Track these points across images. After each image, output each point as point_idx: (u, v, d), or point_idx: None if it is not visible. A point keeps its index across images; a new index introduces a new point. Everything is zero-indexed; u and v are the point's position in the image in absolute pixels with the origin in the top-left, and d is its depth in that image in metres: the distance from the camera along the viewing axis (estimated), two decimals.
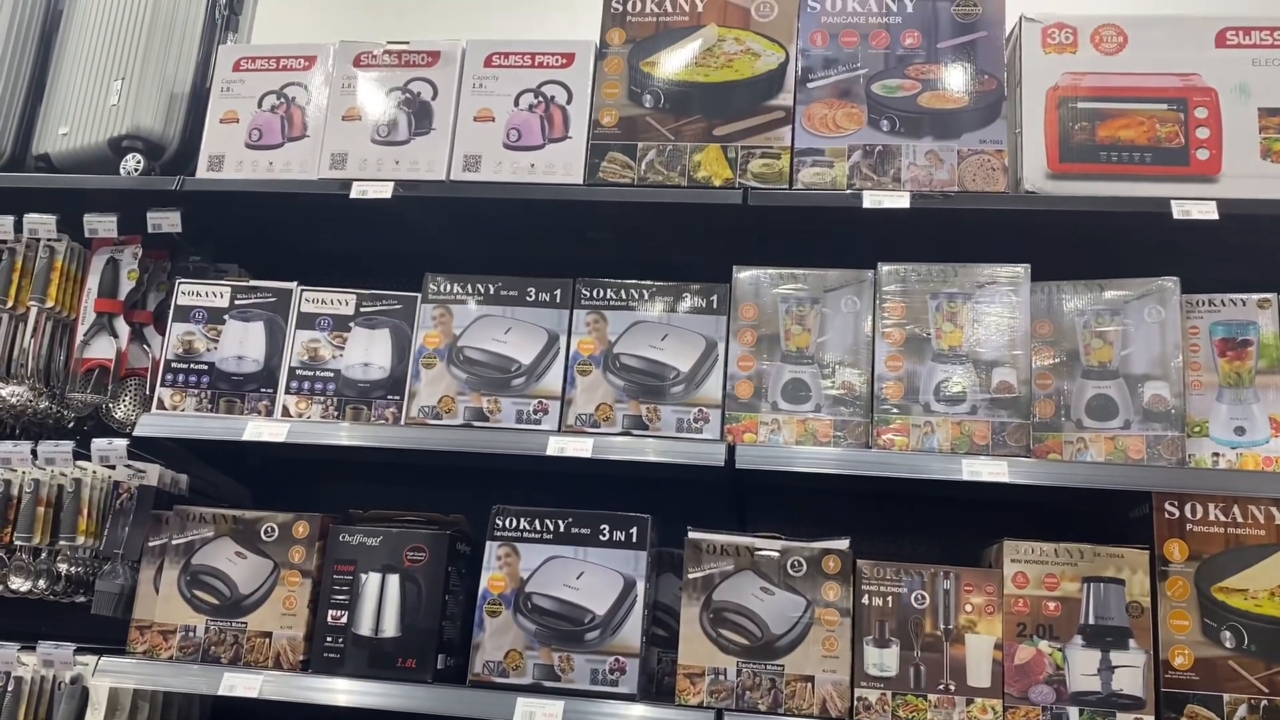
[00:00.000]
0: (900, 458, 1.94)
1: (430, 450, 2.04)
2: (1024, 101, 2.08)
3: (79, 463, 2.17)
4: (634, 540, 1.99)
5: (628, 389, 2.07)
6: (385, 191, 2.14)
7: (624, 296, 2.13)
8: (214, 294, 2.22)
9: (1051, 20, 2.10)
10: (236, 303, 2.21)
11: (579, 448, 2.00)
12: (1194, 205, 1.95)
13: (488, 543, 2.02)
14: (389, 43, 2.28)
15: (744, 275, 2.10)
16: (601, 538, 2.00)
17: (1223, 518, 1.88)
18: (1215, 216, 1.93)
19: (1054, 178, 2.04)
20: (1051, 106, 2.06)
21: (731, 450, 1.96)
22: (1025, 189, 2.04)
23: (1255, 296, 1.99)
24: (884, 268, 2.05)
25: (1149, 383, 1.96)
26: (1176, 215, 1.95)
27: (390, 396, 2.14)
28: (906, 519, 2.34)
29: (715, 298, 2.11)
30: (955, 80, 2.10)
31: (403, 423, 2.11)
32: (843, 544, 1.93)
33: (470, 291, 2.17)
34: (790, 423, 2.02)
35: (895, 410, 1.98)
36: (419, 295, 2.18)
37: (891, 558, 1.97)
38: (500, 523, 2.02)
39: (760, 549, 1.95)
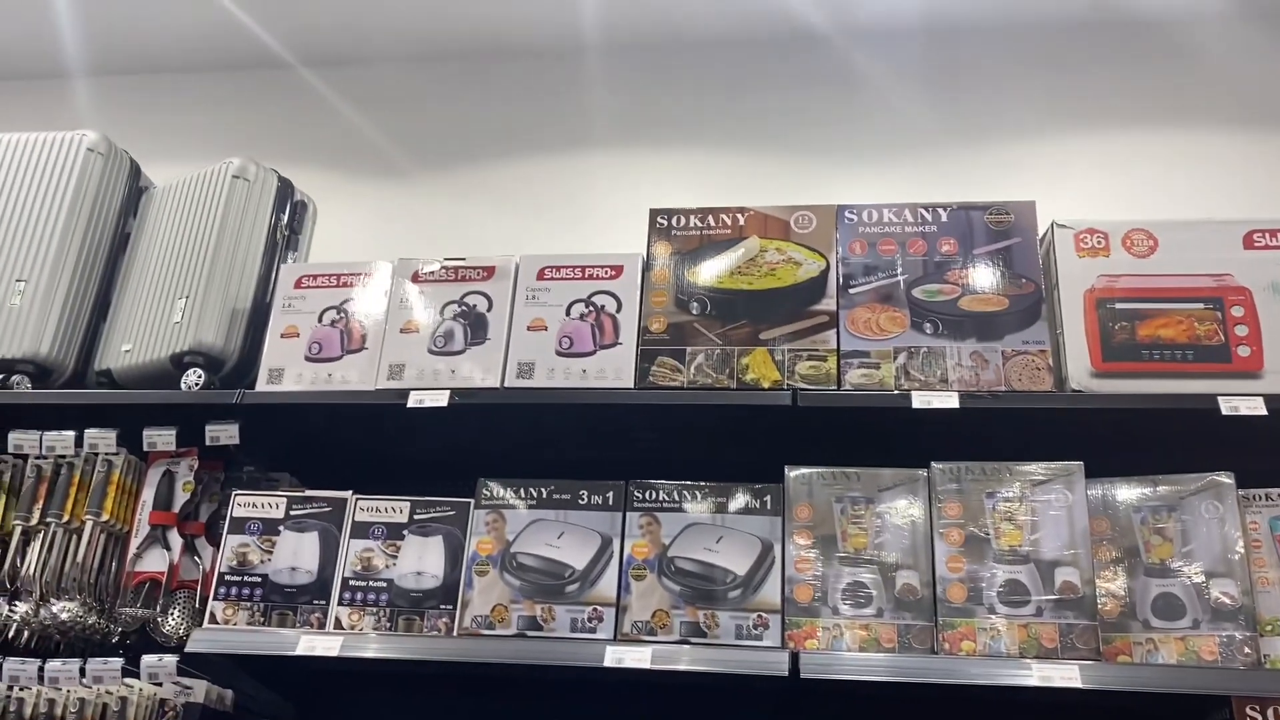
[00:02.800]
0: (968, 663, 1.90)
1: (488, 662, 2.00)
2: (1062, 303, 2.14)
3: (126, 680, 2.14)
4: None
5: (684, 594, 2.05)
6: (442, 400, 2.19)
7: (676, 498, 2.14)
8: (269, 505, 2.24)
9: (1083, 226, 2.19)
10: (292, 513, 2.22)
11: (637, 658, 1.96)
12: (1242, 401, 1.97)
13: None
14: (446, 259, 2.38)
15: (796, 474, 2.12)
16: None
17: None
18: (1264, 412, 1.95)
19: (1099, 376, 2.07)
20: (1090, 308, 2.12)
21: (795, 658, 1.92)
22: (1071, 388, 2.08)
23: None
24: (937, 467, 2.06)
25: (1214, 580, 1.93)
26: (1225, 411, 1.97)
27: (443, 606, 2.12)
28: None
29: (769, 498, 2.11)
30: (993, 284, 2.17)
31: (455, 634, 2.08)
32: None
33: (523, 496, 2.18)
34: (852, 627, 1.99)
35: (959, 613, 1.95)
36: (472, 501, 2.19)
37: None
38: None
39: None
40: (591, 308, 2.27)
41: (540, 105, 3.41)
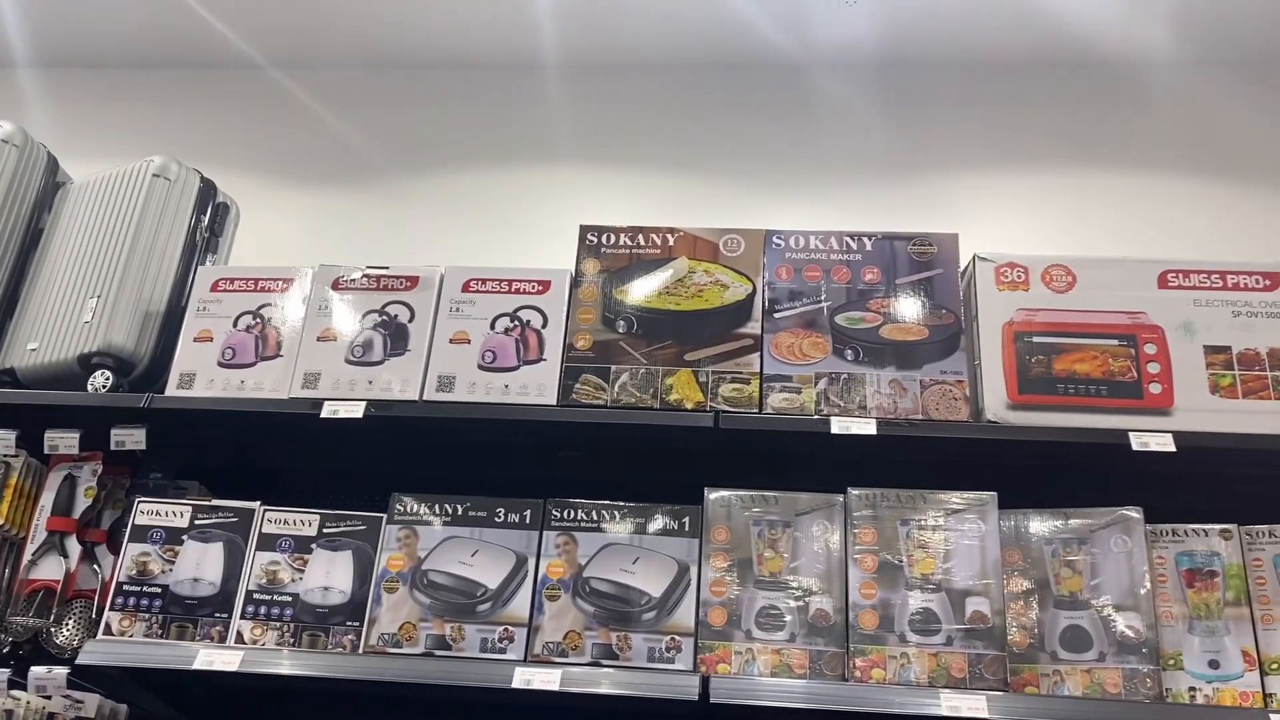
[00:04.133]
0: (877, 691, 1.89)
1: (392, 681, 1.95)
2: (981, 335, 2.17)
3: (12, 692, 2.04)
4: None
5: (598, 615, 2.02)
6: (357, 411, 2.14)
7: (595, 518, 2.11)
8: (174, 513, 2.16)
9: (1003, 260, 2.22)
10: (197, 522, 2.15)
11: (546, 680, 1.92)
12: (1152, 437, 2.01)
13: None
14: (369, 267, 2.34)
15: (715, 497, 2.11)
16: None
17: None
18: (1173, 449, 1.99)
19: (1014, 408, 2.10)
20: (1008, 340, 2.15)
21: (706, 683, 1.90)
22: (987, 418, 2.10)
23: (1217, 527, 2.03)
24: (853, 492, 2.07)
25: (1121, 613, 1.96)
26: (1135, 447, 2.00)
27: (350, 623, 2.06)
28: None
29: (688, 520, 2.10)
30: (914, 314, 2.19)
31: (361, 651, 2.03)
32: None
33: (437, 512, 2.14)
34: (765, 652, 1.98)
35: (871, 640, 1.95)
36: (384, 516, 2.14)
37: None
38: None
39: None
40: (517, 322, 2.25)
41: (479, 118, 3.39)
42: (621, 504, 2.11)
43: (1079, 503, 2.06)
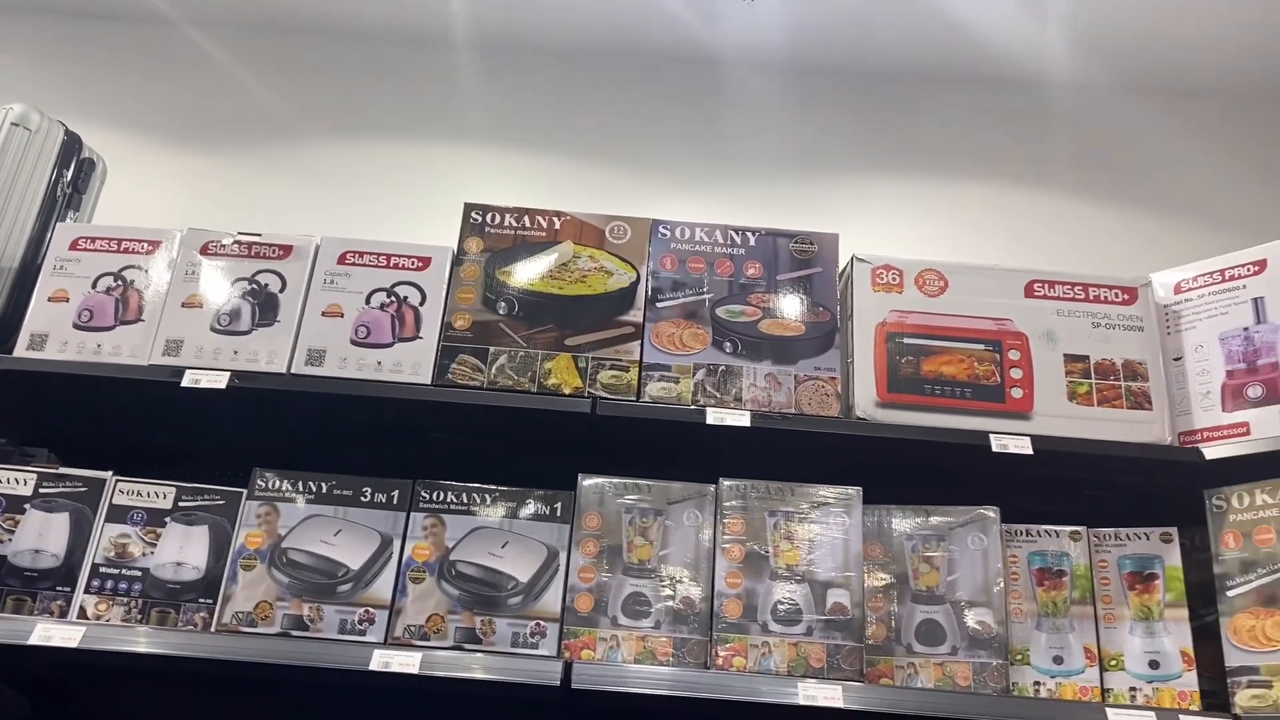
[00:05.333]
0: (737, 679, 1.91)
1: (243, 661, 1.88)
2: (855, 334, 2.21)
3: None
4: None
5: (463, 599, 2.00)
6: (220, 381, 2.06)
7: (464, 501, 2.08)
8: (16, 480, 2.05)
9: (880, 262, 2.27)
10: (41, 491, 2.04)
11: (405, 663, 1.88)
12: (1011, 440, 2.08)
13: None
14: (240, 233, 2.26)
15: (588, 483, 2.10)
16: None
17: None
18: (1030, 451, 2.07)
19: (883, 406, 2.15)
20: (880, 340, 2.20)
21: (568, 668, 1.89)
22: (857, 415, 2.14)
23: (1067, 529, 2.11)
24: (725, 483, 2.09)
25: (973, 609, 2.02)
26: (995, 448, 2.07)
27: (202, 600, 1.99)
28: None
29: (560, 505, 2.08)
30: (793, 310, 2.22)
31: (213, 629, 1.96)
32: None
33: (301, 489, 2.08)
34: (629, 639, 1.98)
35: (734, 629, 1.97)
36: (244, 491, 2.07)
37: None
38: None
39: None
40: (394, 298, 2.20)
41: (370, 90, 3.31)
42: (492, 488, 2.09)
43: (941, 501, 2.12)
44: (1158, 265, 2.33)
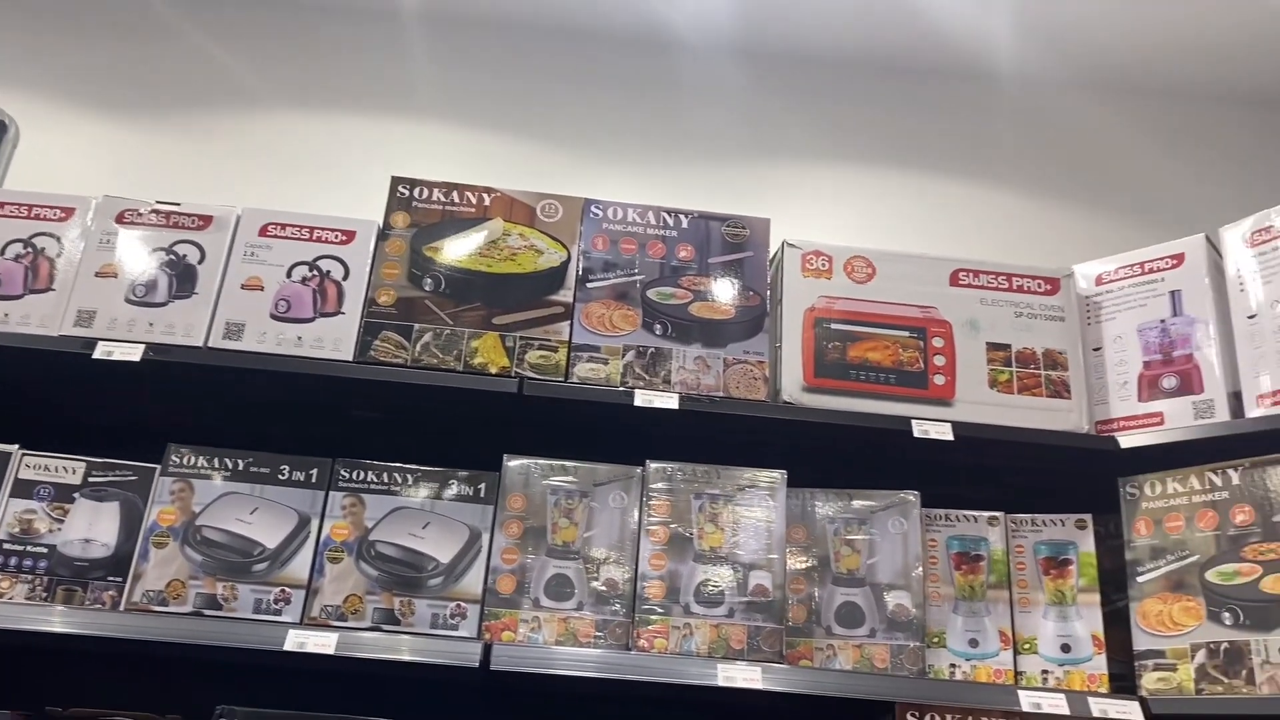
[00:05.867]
0: (658, 661, 1.91)
1: (151, 640, 1.84)
2: (784, 318, 2.22)
3: None
4: None
5: (381, 579, 1.97)
6: (134, 354, 2.00)
7: (386, 480, 2.05)
8: None
9: (810, 248, 2.28)
10: None
11: (321, 643, 1.85)
12: (932, 425, 2.10)
13: None
14: (158, 202, 2.19)
15: (514, 464, 2.08)
16: None
17: None
18: (950, 437, 2.09)
19: (809, 391, 2.16)
20: (808, 325, 2.21)
21: (488, 650, 1.87)
22: (783, 399, 2.15)
23: (986, 514, 2.15)
24: (651, 465, 2.08)
25: (892, 592, 2.05)
26: (917, 434, 2.10)
27: (111, 578, 1.93)
28: None
29: (483, 486, 2.06)
30: (723, 293, 2.22)
31: (122, 608, 1.90)
32: None
33: (217, 466, 2.03)
34: (552, 621, 1.97)
35: (657, 611, 1.97)
36: (158, 467, 2.01)
37: None
38: None
39: None
40: (316, 272, 2.15)
41: (296, 60, 3.22)
42: (414, 468, 2.06)
43: (864, 485, 2.14)
44: (1093, 258, 2.37)
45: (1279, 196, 2.16)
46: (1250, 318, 2.11)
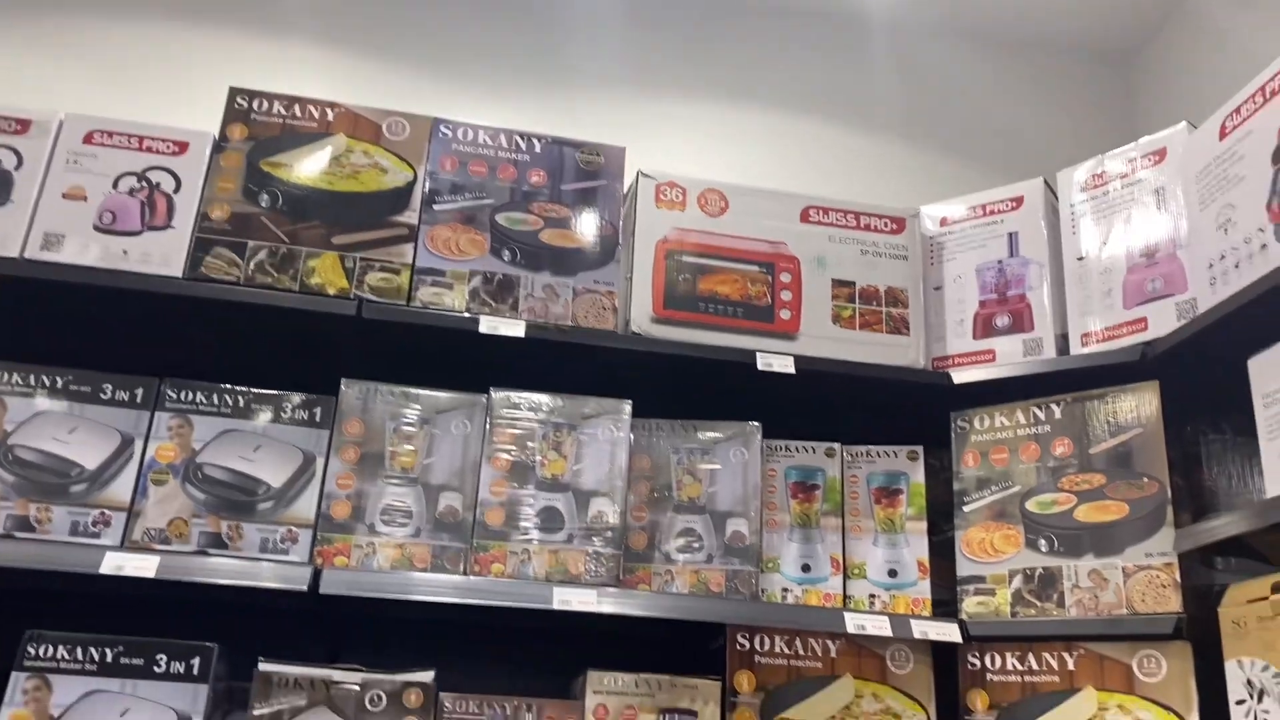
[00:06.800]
0: (493, 584, 1.91)
1: None
2: (636, 249, 2.21)
3: None
4: (195, 673, 1.79)
5: (209, 503, 1.91)
6: None
7: (216, 401, 1.98)
8: None
9: (665, 179, 2.27)
10: None
11: (140, 567, 1.79)
12: (775, 359, 2.13)
13: (14, 674, 1.73)
14: None
15: (352, 389, 2.03)
16: (157, 669, 1.78)
17: (786, 650, 2.00)
18: (792, 370, 2.13)
19: (658, 322, 2.16)
20: (660, 257, 2.20)
21: (317, 574, 1.84)
22: (632, 330, 2.15)
23: (823, 445, 2.20)
24: (495, 393, 2.06)
25: (731, 519, 2.08)
26: (760, 366, 2.12)
27: None
28: (510, 649, 2.29)
29: (319, 410, 2.01)
30: (575, 222, 2.20)
31: None
32: (426, 676, 1.85)
33: (33, 384, 1.92)
34: (387, 547, 1.94)
35: (495, 536, 1.96)
36: None
37: (486, 690, 1.91)
38: (33, 650, 1.75)
39: (338, 682, 1.82)
40: (145, 183, 2.04)
41: None
42: (246, 389, 1.99)
43: (712, 416, 2.16)
44: (945, 199, 2.41)
45: (1117, 144, 2.23)
46: (1079, 259, 2.19)
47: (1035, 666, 1.97)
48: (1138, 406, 2.01)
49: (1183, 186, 2.04)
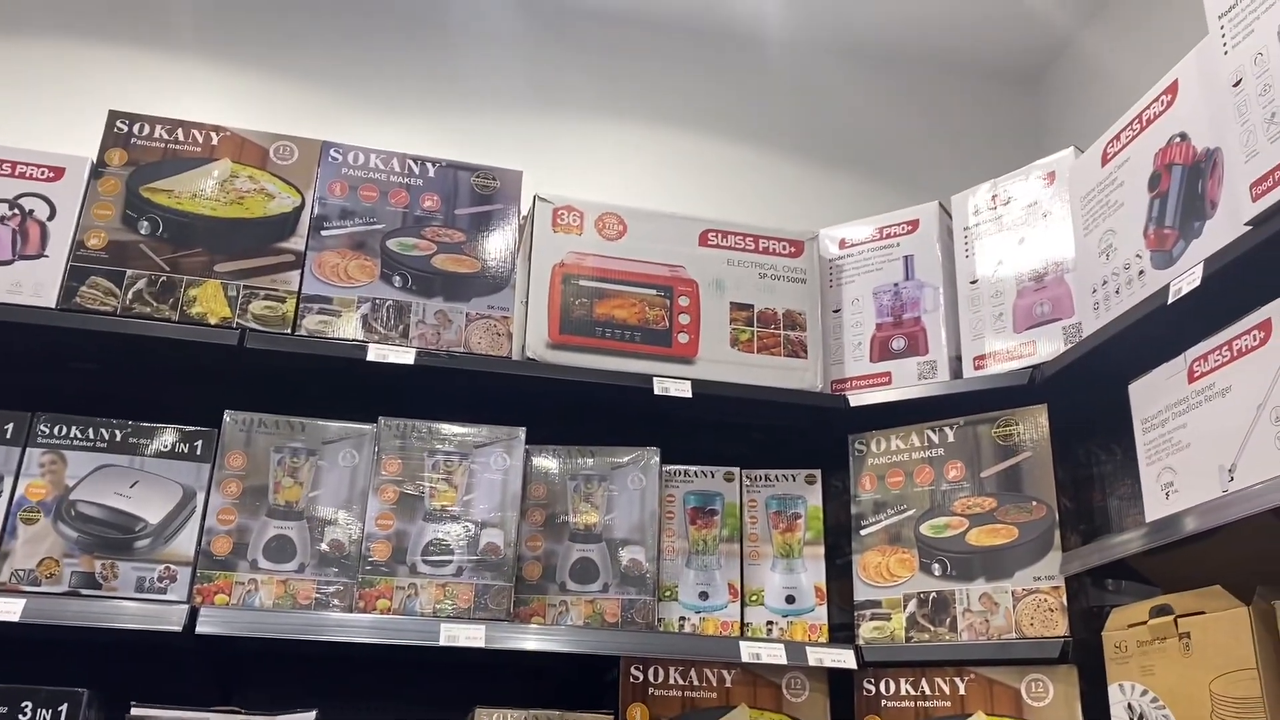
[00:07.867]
0: (379, 622, 1.86)
1: None
2: (533, 273, 2.18)
3: None
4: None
5: (82, 541, 1.84)
6: None
7: (91, 436, 1.91)
8: None
9: (562, 202, 2.24)
10: None
11: (7, 610, 1.72)
12: (673, 383, 2.12)
13: None
14: None
15: (235, 421, 1.98)
16: (21, 718, 1.71)
17: (681, 681, 1.98)
18: (690, 395, 2.11)
19: (554, 347, 2.13)
20: (556, 281, 2.18)
21: (194, 613, 1.78)
22: (528, 355, 2.12)
23: (722, 470, 2.19)
24: (384, 422, 2.02)
25: (628, 547, 2.06)
26: (657, 391, 2.10)
27: None
28: (401, 685, 2.25)
29: (200, 443, 1.95)
30: (469, 247, 2.16)
31: None
32: (308, 716, 1.80)
33: None
34: (270, 583, 1.89)
35: (381, 571, 1.92)
36: None
37: None
38: None
39: None
40: (17, 211, 1.97)
41: None
42: (123, 422, 1.93)
43: (611, 441, 2.14)
44: (846, 221, 2.41)
45: (1013, 166, 2.24)
46: (972, 283, 2.20)
47: (928, 692, 1.97)
48: (1027, 430, 2.03)
49: (1070, 211, 2.06)
